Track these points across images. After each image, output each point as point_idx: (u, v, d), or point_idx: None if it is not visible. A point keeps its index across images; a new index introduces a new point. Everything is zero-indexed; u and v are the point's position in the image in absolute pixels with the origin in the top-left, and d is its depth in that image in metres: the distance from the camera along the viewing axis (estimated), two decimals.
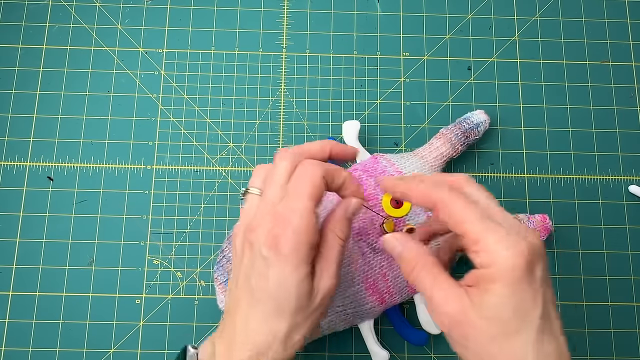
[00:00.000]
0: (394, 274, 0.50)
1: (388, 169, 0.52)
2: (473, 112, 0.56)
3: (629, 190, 0.59)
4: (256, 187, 0.37)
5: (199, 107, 0.59)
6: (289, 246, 0.33)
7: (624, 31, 0.63)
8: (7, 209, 0.56)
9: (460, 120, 0.56)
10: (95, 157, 0.58)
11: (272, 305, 0.34)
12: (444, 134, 0.55)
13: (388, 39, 0.62)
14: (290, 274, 0.33)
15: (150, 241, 0.56)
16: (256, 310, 0.34)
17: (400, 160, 0.53)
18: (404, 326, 0.52)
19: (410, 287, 0.51)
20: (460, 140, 0.55)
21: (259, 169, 0.38)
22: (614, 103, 0.61)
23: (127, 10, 0.62)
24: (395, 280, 0.50)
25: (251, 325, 0.34)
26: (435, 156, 0.54)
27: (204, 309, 0.54)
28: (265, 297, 0.34)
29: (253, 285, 0.34)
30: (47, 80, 0.59)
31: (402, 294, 0.51)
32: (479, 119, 0.56)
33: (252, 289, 0.34)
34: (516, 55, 0.62)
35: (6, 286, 0.54)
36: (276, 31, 0.62)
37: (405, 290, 0.51)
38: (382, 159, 0.54)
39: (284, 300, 0.34)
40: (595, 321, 0.55)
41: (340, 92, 0.60)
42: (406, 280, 0.49)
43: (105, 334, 0.54)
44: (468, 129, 0.55)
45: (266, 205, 0.35)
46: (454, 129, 0.55)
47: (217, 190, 0.57)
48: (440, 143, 0.54)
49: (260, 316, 0.34)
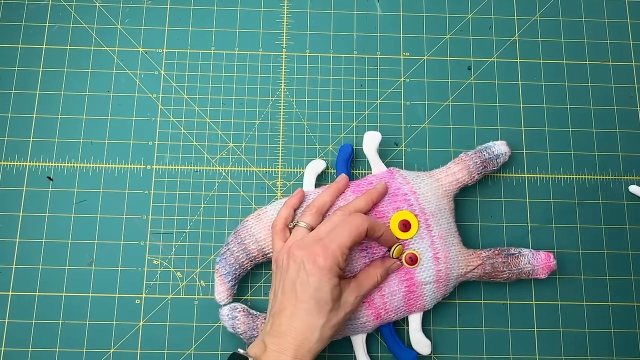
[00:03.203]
0: (390, 290, 0.51)
1: (403, 187, 0.53)
2: (495, 143, 0.55)
3: (629, 190, 0.59)
4: (305, 222, 0.49)
5: (199, 107, 0.59)
6: (323, 262, 0.45)
7: (624, 31, 0.63)
8: (7, 209, 0.56)
9: (481, 149, 0.55)
10: (95, 157, 0.58)
11: (313, 303, 0.45)
12: (463, 159, 0.54)
13: (388, 39, 0.62)
14: (324, 281, 0.45)
15: (150, 241, 0.56)
16: (299, 308, 0.45)
17: (416, 180, 0.53)
18: (395, 344, 0.52)
19: (407, 307, 0.51)
20: (478, 169, 0.54)
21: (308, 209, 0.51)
22: (614, 103, 0.61)
23: (127, 10, 0.62)
24: (392, 298, 0.51)
25: (296, 321, 0.45)
26: (450, 181, 0.54)
27: (204, 309, 0.54)
28: (307, 297, 0.45)
29: (298, 289, 0.45)
30: (47, 80, 0.59)
31: (397, 313, 0.51)
32: (499, 150, 0.55)
33: (297, 291, 0.45)
34: (516, 55, 0.62)
35: (6, 286, 0.54)
36: (276, 31, 0.62)
37: (402, 309, 0.51)
38: (398, 175, 0.54)
39: (321, 299, 0.45)
40: (595, 321, 0.55)
41: (340, 92, 0.60)
42: (403, 300, 0.50)
43: (105, 334, 0.54)
44: (487, 159, 0.54)
45: (314, 236, 0.47)
46: (473, 156, 0.54)
47: (217, 190, 0.57)
48: (457, 168, 0.54)
49: (302, 313, 0.45)
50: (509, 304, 0.55)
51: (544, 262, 0.53)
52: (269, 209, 0.53)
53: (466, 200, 0.58)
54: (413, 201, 0.52)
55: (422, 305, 0.52)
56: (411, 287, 0.51)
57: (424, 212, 0.52)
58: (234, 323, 0.51)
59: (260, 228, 0.52)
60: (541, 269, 0.53)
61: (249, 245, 0.52)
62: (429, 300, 0.52)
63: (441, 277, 0.51)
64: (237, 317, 0.51)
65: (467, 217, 0.57)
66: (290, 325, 0.45)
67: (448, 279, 0.51)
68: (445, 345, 0.55)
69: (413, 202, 0.52)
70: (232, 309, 0.51)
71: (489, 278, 0.53)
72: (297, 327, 0.45)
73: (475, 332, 0.55)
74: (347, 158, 0.55)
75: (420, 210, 0.52)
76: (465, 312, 0.55)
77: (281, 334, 0.45)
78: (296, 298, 0.45)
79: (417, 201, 0.52)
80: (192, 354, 0.53)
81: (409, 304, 0.51)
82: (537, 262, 0.53)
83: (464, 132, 0.59)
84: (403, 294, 0.51)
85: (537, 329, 0.55)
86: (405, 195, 0.52)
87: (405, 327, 0.54)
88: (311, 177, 0.55)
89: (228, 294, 0.52)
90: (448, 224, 0.53)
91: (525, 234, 0.57)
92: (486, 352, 0.54)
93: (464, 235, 0.56)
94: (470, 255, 0.53)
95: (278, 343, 0.44)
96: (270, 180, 0.58)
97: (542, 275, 0.53)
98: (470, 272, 0.52)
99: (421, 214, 0.52)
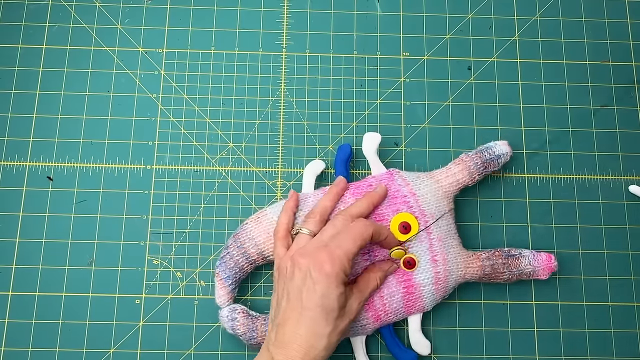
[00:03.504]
0: (389, 292, 0.51)
1: (402, 189, 0.52)
2: (496, 142, 0.55)
3: (629, 190, 0.59)
4: (308, 229, 0.49)
5: (199, 107, 0.59)
6: (330, 269, 0.45)
7: (624, 31, 0.63)
8: (7, 209, 0.56)
9: (482, 149, 0.55)
10: (95, 157, 0.58)
11: (319, 311, 0.44)
12: (463, 160, 0.54)
13: (388, 39, 0.62)
14: (331, 288, 0.45)
15: (150, 241, 0.56)
16: (305, 317, 0.44)
17: (416, 181, 0.53)
18: (395, 345, 0.52)
19: (406, 308, 0.51)
20: (479, 169, 0.54)
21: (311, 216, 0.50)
22: (614, 103, 0.61)
23: (127, 10, 0.62)
24: (391, 299, 0.51)
25: (302, 330, 0.44)
26: (451, 182, 0.53)
27: (203, 309, 0.54)
28: (313, 305, 0.44)
29: (304, 297, 0.45)
30: (47, 80, 0.59)
31: (397, 314, 0.51)
32: (501, 151, 0.54)
33: (302, 299, 0.45)
34: (516, 55, 0.62)
35: (6, 286, 0.54)
36: (276, 31, 0.62)
37: (401, 310, 0.51)
38: (397, 177, 0.53)
39: (328, 306, 0.45)
40: (595, 321, 0.55)
41: (340, 92, 0.60)
42: (402, 302, 0.51)
43: (105, 334, 0.54)
44: (489, 159, 0.54)
45: (318, 242, 0.47)
46: (474, 157, 0.54)
47: (217, 190, 0.57)
48: (458, 169, 0.54)
49: (309, 321, 0.44)
50: (509, 304, 0.55)
51: (545, 263, 0.53)
52: (268, 211, 0.53)
53: (466, 200, 0.58)
54: (413, 203, 0.52)
55: (422, 307, 0.52)
56: (409, 289, 0.51)
57: (423, 214, 0.52)
58: (234, 324, 0.51)
59: (260, 231, 0.52)
60: (542, 270, 0.52)
61: (249, 249, 0.52)
62: (428, 301, 0.52)
63: (440, 279, 0.51)
64: (236, 319, 0.51)
65: (467, 217, 0.57)
66: (296, 333, 0.44)
67: (447, 280, 0.51)
68: (445, 345, 0.55)
69: (413, 204, 0.52)
70: (232, 310, 0.51)
71: (489, 279, 0.53)
72: (303, 335, 0.44)
73: (475, 332, 0.55)
74: (346, 158, 0.55)
75: (420, 212, 0.52)
76: (465, 312, 0.55)
77: (287, 343, 0.44)
78: (302, 306, 0.45)
79: (417, 203, 0.52)
80: (192, 354, 0.53)
81: (408, 305, 0.51)
82: (538, 263, 0.53)
83: (464, 132, 0.59)
84: (402, 295, 0.51)
85: (537, 329, 0.55)
86: (405, 197, 0.52)
87: (405, 328, 0.54)
88: (310, 178, 0.55)
89: (228, 297, 0.52)
90: (447, 226, 0.53)
91: (525, 234, 0.57)
92: (486, 352, 0.54)
93: (463, 235, 0.56)
94: (469, 257, 0.53)
95: (284, 353, 0.44)
96: (270, 180, 0.58)
97: (543, 276, 0.53)
98: (470, 274, 0.52)
99: (421, 216, 0.52)
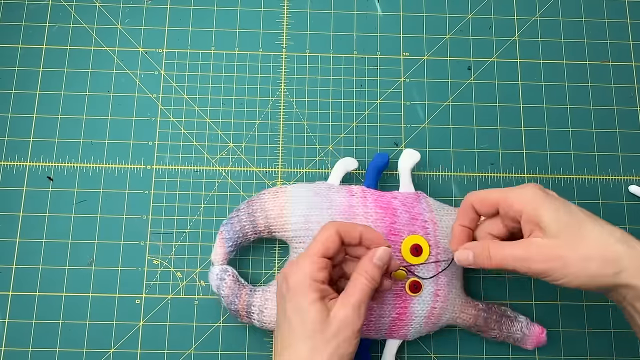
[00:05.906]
0: (380, 312, 0.50)
1: (425, 214, 0.52)
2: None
3: (629, 190, 0.59)
4: None
5: (199, 107, 0.59)
6: (293, 279, 0.42)
7: (624, 31, 0.63)
8: (7, 209, 0.56)
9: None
10: (95, 157, 0.58)
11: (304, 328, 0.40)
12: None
13: (388, 39, 0.62)
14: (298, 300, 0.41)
15: (150, 241, 0.56)
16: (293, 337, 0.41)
17: (440, 212, 0.53)
18: None
19: (389, 331, 0.51)
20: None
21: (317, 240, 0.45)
22: (614, 103, 0.61)
23: (127, 10, 0.62)
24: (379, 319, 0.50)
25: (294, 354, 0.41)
26: None
27: (204, 309, 0.54)
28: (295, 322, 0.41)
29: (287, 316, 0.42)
30: (47, 80, 0.59)
31: (378, 332, 0.51)
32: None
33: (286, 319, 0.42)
34: (516, 55, 0.62)
35: (6, 286, 0.54)
36: (276, 31, 0.62)
37: (383, 331, 0.51)
38: (424, 201, 0.53)
39: (297, 323, 0.41)
40: (595, 321, 0.55)
41: (340, 92, 0.60)
42: (388, 325, 0.50)
43: (105, 334, 0.54)
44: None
45: None
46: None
47: (217, 190, 0.57)
48: None
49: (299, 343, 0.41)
50: (509, 304, 0.55)
51: (535, 334, 0.52)
52: (289, 188, 0.53)
53: None
54: (431, 230, 0.51)
55: (404, 335, 0.51)
56: (401, 316, 0.50)
57: (437, 245, 0.51)
58: (220, 284, 0.51)
59: (274, 205, 0.52)
60: (530, 340, 0.52)
61: (258, 219, 0.52)
62: (413, 332, 0.51)
63: (434, 314, 0.50)
64: (224, 280, 0.51)
65: None
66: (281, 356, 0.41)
67: (439, 318, 0.51)
68: (445, 345, 0.55)
69: (430, 232, 0.51)
70: (223, 270, 0.51)
71: (477, 331, 0.52)
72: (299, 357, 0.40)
73: None
74: (381, 167, 0.55)
75: (435, 242, 0.51)
76: None
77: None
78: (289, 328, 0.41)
79: (435, 232, 0.51)
80: (192, 354, 0.53)
81: (393, 329, 0.51)
82: (529, 333, 0.52)
83: (464, 132, 0.59)
84: (391, 319, 0.50)
85: None
86: (425, 223, 0.51)
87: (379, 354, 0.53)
88: (340, 172, 0.54)
89: (224, 257, 0.52)
90: (457, 266, 0.51)
91: None
92: (486, 352, 0.54)
93: None
94: (467, 303, 0.52)
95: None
96: (270, 180, 0.58)
97: (529, 346, 0.52)
98: (462, 319, 0.52)
99: (434, 246, 0.51)
